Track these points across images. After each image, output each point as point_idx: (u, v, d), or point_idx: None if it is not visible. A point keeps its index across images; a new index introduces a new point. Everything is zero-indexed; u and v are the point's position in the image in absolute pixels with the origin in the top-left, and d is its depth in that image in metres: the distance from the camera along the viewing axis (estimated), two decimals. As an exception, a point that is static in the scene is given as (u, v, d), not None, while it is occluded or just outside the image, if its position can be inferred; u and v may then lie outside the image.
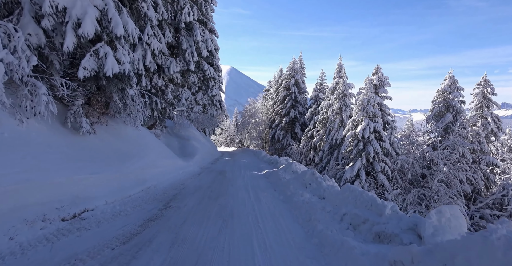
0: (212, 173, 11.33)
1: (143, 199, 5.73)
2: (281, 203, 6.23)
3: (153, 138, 9.34)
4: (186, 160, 11.93)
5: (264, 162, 17.51)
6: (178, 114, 18.27)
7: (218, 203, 5.96)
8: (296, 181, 7.71)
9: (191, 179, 9.06)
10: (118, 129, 7.35)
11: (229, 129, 57.39)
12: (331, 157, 21.58)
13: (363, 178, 16.97)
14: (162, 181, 7.57)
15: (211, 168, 13.59)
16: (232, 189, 7.88)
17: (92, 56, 5.26)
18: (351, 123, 18.41)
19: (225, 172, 12.07)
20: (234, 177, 10.52)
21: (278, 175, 9.87)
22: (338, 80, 23.04)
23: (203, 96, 24.00)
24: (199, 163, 13.92)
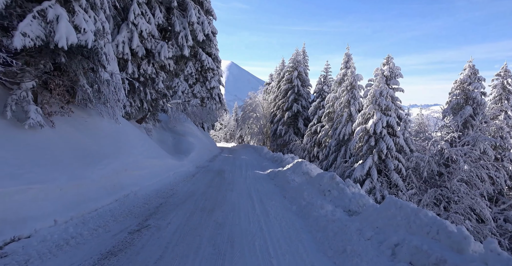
0: (209, 174, 9.89)
1: (113, 213, 4.30)
2: (296, 218, 4.79)
3: (138, 133, 7.89)
4: (180, 159, 10.48)
5: (267, 160, 16.07)
6: (173, 108, 16.79)
7: (213, 219, 4.52)
8: (310, 186, 6.26)
9: (183, 183, 7.61)
10: (90, 122, 5.90)
11: (228, 124, 55.92)
12: (338, 154, 20.14)
13: (375, 176, 15.55)
14: (145, 186, 6.13)
15: (209, 167, 12.15)
16: (232, 195, 6.44)
17: (36, 19, 3.79)
18: (361, 118, 16.93)
19: (223, 172, 10.63)
20: (234, 179, 9.08)
21: (285, 177, 8.42)
22: (346, 71, 21.49)
23: (201, 88, 22.48)
24: (195, 161, 12.48)
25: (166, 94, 12.67)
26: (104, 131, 6.08)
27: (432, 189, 14.97)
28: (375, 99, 16.17)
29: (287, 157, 13.15)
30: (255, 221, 4.56)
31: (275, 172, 10.40)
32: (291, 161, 12.08)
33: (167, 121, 16.80)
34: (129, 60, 9.72)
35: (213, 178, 9.01)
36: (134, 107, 10.50)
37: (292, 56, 32.13)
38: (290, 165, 10.58)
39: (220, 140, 54.61)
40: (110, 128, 6.33)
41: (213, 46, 22.16)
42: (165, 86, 12.70)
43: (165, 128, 16.14)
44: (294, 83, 31.26)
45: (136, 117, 11.64)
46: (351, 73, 19.64)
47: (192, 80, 21.71)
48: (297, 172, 8.55)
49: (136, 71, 10.02)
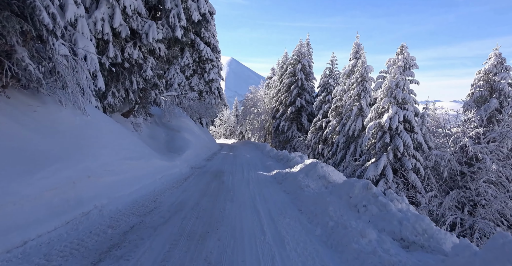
0: (206, 176, 8.39)
1: (50, 249, 2.79)
2: (325, 251, 3.28)
3: (116, 128, 6.38)
4: (171, 158, 8.97)
5: (271, 158, 14.55)
6: (168, 101, 15.25)
7: (204, 255, 3.01)
8: (336, 198, 4.76)
9: (172, 190, 6.11)
10: (41, 113, 4.41)
11: (228, 120, 54.39)
12: (347, 151, 18.63)
13: (390, 177, 14.06)
14: (118, 197, 4.64)
15: (206, 167, 10.66)
16: (232, 209, 4.95)
17: None
18: (374, 112, 15.39)
19: (222, 174, 9.13)
20: (234, 183, 7.59)
21: (297, 181, 6.92)
22: (355, 62, 19.88)
23: (198, 81, 20.91)
24: (191, 161, 10.98)
25: (157, 85, 11.11)
26: (63, 125, 4.58)
27: (454, 191, 13.49)
28: (391, 91, 14.61)
29: (295, 156, 11.64)
30: (268, 254, 3.06)
31: (282, 174, 8.89)
32: (300, 160, 10.56)
33: (161, 116, 15.27)
34: (110, 41, 8.17)
35: (209, 182, 7.51)
36: (117, 98, 8.97)
37: (295, 48, 30.49)
38: (300, 165, 9.07)
39: (220, 136, 53.12)
40: (71, 121, 4.82)
41: (211, 33, 20.55)
42: (156, 75, 11.16)
43: (158, 124, 14.62)
44: (298, 77, 29.67)
45: (121, 110, 10.11)
46: (361, 64, 18.05)
47: (189, 71, 20.15)
48: (311, 175, 7.04)
49: (120, 55, 8.47)
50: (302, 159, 10.78)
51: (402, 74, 14.68)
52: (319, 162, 7.48)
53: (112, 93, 8.80)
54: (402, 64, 17.10)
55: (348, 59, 20.56)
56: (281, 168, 10.82)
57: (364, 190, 4.32)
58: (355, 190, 4.39)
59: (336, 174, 7.16)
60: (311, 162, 7.97)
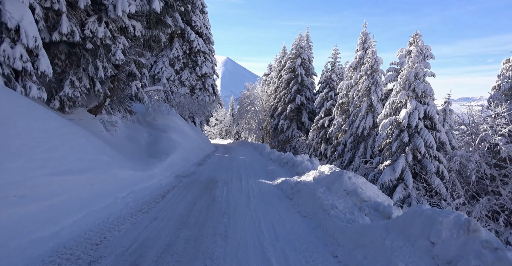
0: (192, 190, 6.43)
1: None
2: None
3: (54, 125, 4.41)
4: (148, 166, 6.97)
5: (272, 162, 12.60)
6: (153, 96, 13.25)
7: None
8: (401, 240, 2.81)
9: (136, 218, 4.13)
10: None
11: (224, 119, 52.38)
12: (356, 152, 16.76)
13: (410, 181, 12.19)
14: (26, 244, 2.68)
15: (195, 174, 8.70)
16: (225, 258, 2.98)
17: None
18: (388, 107, 13.51)
19: (215, 185, 7.19)
20: (230, 200, 5.64)
21: (315, 198, 4.99)
22: (363, 54, 18.01)
23: (190, 75, 18.89)
24: (177, 167, 9.01)
25: (135, 75, 9.13)
26: None
27: (485, 198, 11.65)
28: (408, 83, 12.73)
29: (302, 160, 9.72)
30: None
31: (291, 184, 6.96)
32: (311, 166, 8.63)
33: (145, 114, 13.25)
34: (63, 12, 6.15)
35: (196, 199, 5.55)
36: (79, 88, 6.95)
37: (294, 42, 28.58)
38: (313, 173, 7.14)
39: (215, 136, 51.09)
40: None
41: (203, 24, 18.54)
42: (134, 63, 9.17)
43: (141, 123, 12.60)
44: (297, 72, 27.77)
45: (88, 105, 8.08)
46: (371, 54, 16.16)
47: (179, 65, 18.13)
48: (336, 190, 5.10)
49: (78, 32, 6.46)
50: (313, 164, 8.84)
51: (421, 64, 12.81)
52: (344, 171, 5.52)
53: (70, 82, 6.78)
54: (416, 54, 15.24)
55: (354, 51, 18.68)
56: (288, 175, 8.88)
57: (460, 232, 2.40)
58: (442, 232, 2.47)
59: (369, 187, 5.24)
60: (332, 170, 6.02)
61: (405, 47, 16.72)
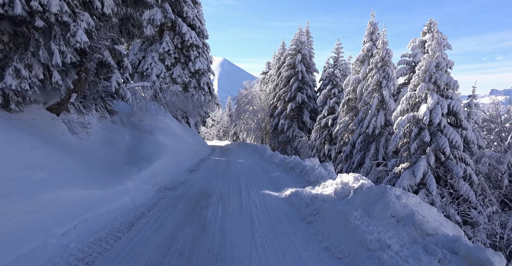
0: (176, 211, 4.86)
1: None
2: None
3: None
4: (120, 179, 5.33)
5: (275, 166, 11.02)
6: (138, 93, 11.66)
7: None
8: None
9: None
10: None
11: (221, 120, 50.78)
12: (366, 153, 15.21)
13: (433, 187, 10.65)
14: None
15: (184, 185, 7.13)
16: None
17: None
18: (405, 103, 11.97)
19: (207, 201, 5.63)
20: (227, 228, 4.12)
21: (349, 225, 3.43)
22: (372, 46, 16.50)
23: (182, 71, 17.27)
24: (162, 176, 7.44)
25: (110, 65, 7.53)
26: None
27: (521, 205, 10.12)
28: (429, 75, 11.20)
29: (314, 166, 8.16)
30: None
31: (304, 199, 5.39)
32: (326, 174, 7.06)
33: (130, 114, 11.64)
34: (-4, -25, 4.53)
35: (178, 228, 3.97)
36: (27, 79, 5.33)
37: (294, 37, 27.05)
38: (333, 185, 5.57)
39: (212, 138, 49.46)
40: None
41: (195, 15, 16.96)
42: (108, 50, 7.58)
43: (124, 123, 10.99)
44: (298, 69, 26.23)
45: (47, 101, 6.45)
46: (382, 45, 14.62)
47: (170, 60, 16.53)
48: (378, 215, 3.55)
49: (22, 3, 4.84)
50: (328, 171, 7.28)
51: (442, 53, 11.29)
52: (388, 187, 3.92)
53: (15, 71, 5.17)
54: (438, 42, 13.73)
55: (362, 42, 17.15)
56: (297, 185, 7.31)
57: None
58: None
59: (427, 210, 3.72)
60: (369, 187, 4.38)
61: (418, 37, 15.23)
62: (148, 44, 16.67)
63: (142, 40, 16.66)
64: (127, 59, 11.40)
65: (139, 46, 16.55)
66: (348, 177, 5.50)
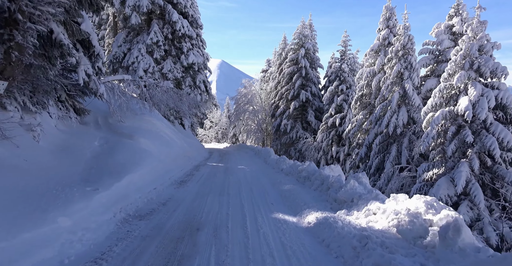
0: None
1: None
2: None
3: None
4: (45, 214, 3.29)
5: (285, 175, 9.00)
6: (117, 88, 9.66)
7: None
8: None
9: None
10: None
11: (220, 122, 48.75)
12: (386, 156, 13.20)
13: (480, 198, 8.65)
14: None
15: (166, 207, 5.19)
16: None
17: None
18: (438, 96, 9.99)
19: (194, 241, 3.70)
20: None
21: None
22: (388, 33, 14.54)
23: (173, 66, 15.22)
24: (138, 194, 5.46)
25: (62, 45, 5.53)
26: None
27: None
28: (469, 61, 9.22)
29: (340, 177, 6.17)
30: None
31: (346, 239, 3.40)
32: (362, 190, 5.06)
33: (107, 113, 9.61)
34: None
35: None
36: None
37: (296, 30, 25.13)
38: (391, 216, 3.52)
39: (211, 140, 47.41)
40: None
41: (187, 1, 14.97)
42: (64, 25, 5.59)
43: (99, 125, 8.97)
44: (301, 64, 24.28)
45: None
46: (403, 30, 12.63)
47: (159, 52, 14.52)
48: None
49: None
50: (365, 187, 5.25)
51: (484, 32, 9.31)
52: None
53: None
54: (460, 28, 11.79)
55: (376, 30, 15.18)
56: (321, 205, 5.33)
57: None
58: None
59: None
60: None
61: (443, 22, 13.27)
62: (134, 34, 14.67)
63: (127, 31, 14.65)
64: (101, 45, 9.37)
65: (123, 37, 14.54)
66: (413, 202, 3.51)
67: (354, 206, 4.59)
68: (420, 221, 3.07)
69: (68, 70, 7.97)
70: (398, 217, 3.33)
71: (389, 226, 3.36)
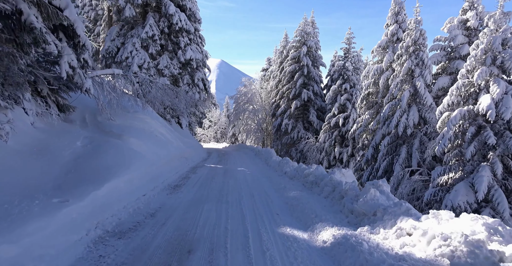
0: None
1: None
2: None
3: None
4: None
5: (289, 179, 8.21)
6: (106, 83, 8.88)
7: None
8: None
9: None
10: None
11: (219, 121, 47.97)
12: (395, 158, 12.43)
13: (504, 205, 7.90)
14: None
15: (151, 223, 4.44)
16: None
17: None
18: (455, 93, 9.22)
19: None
20: None
21: None
22: (397, 29, 13.76)
23: (170, 62, 14.42)
24: (117, 207, 4.66)
25: (33, 29, 4.75)
26: None
27: None
28: (491, 56, 8.44)
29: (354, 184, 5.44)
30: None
31: (369, 264, 2.53)
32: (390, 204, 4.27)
33: (97, 111, 8.81)
34: None
35: None
36: None
37: (298, 27, 24.34)
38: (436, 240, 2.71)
39: (209, 140, 46.61)
40: None
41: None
42: (35, 4, 4.80)
43: (86, 123, 8.17)
44: (303, 63, 23.48)
45: None
46: (414, 24, 11.86)
47: (154, 47, 13.72)
48: None
49: None
50: (387, 197, 4.49)
51: (508, 24, 8.54)
52: None
53: None
54: (475, 23, 11.02)
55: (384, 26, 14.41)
56: (334, 217, 4.61)
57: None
58: None
59: None
60: None
61: (456, 16, 12.52)
62: (128, 28, 13.86)
63: (121, 24, 13.84)
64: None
65: (117, 31, 13.73)
66: (465, 224, 2.74)
67: (378, 221, 3.81)
68: (484, 253, 2.30)
69: (50, 62, 7.21)
70: (449, 243, 2.55)
71: (436, 255, 2.59)
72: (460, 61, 12.01)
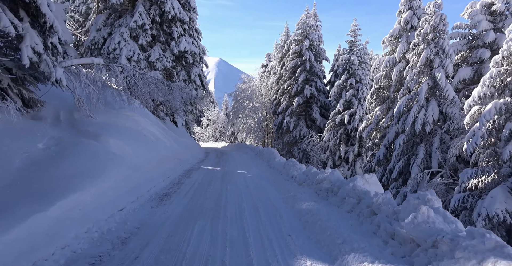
0: None
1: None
2: None
3: None
4: None
5: (298, 185, 7.00)
6: (83, 75, 7.63)
7: None
8: None
9: None
10: None
11: (218, 120, 46.71)
12: (412, 158, 11.22)
13: (550, 215, 6.66)
14: None
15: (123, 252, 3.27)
16: None
17: None
18: (488, 84, 8.00)
19: None
20: None
21: None
22: (411, 16, 12.51)
23: (162, 53, 13.10)
24: (82, 228, 3.41)
25: None
26: None
27: None
28: (533, 40, 7.19)
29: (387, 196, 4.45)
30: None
31: None
32: (456, 231, 3.01)
33: (74, 107, 7.55)
34: None
35: None
36: None
37: (300, 20, 23.08)
38: None
39: (208, 139, 45.35)
40: None
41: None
42: None
43: (60, 121, 6.94)
44: (305, 57, 22.23)
45: None
46: (433, 9, 10.62)
47: (145, 38, 12.45)
48: None
49: None
50: (450, 222, 3.25)
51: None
52: None
53: None
54: (503, 6, 9.79)
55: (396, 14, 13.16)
56: (376, 249, 3.36)
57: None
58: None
59: None
60: None
61: (479, 1, 11.29)
62: (116, 17, 12.59)
63: (108, 12, 12.58)
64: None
65: (103, 19, 12.47)
66: None
67: (446, 259, 2.59)
68: None
69: (12, 48, 5.96)
70: None
71: None
72: (484, 49, 10.81)
